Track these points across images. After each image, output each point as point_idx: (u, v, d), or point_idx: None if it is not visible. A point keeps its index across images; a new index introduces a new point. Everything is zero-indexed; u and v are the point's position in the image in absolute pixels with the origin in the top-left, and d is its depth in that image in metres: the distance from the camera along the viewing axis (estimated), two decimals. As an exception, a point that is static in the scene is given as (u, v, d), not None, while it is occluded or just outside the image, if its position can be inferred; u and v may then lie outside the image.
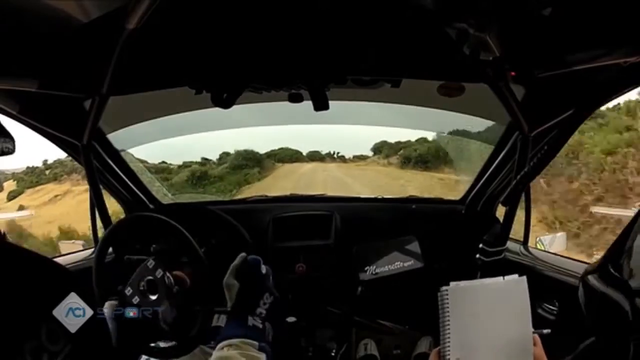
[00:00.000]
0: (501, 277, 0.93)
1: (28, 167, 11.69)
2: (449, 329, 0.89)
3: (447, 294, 0.90)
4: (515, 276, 0.93)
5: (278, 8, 1.03)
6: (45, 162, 11.57)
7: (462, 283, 0.91)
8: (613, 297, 0.90)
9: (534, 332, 0.91)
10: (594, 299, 1.00)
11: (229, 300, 0.95)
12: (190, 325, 1.21)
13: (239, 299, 0.93)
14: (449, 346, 0.89)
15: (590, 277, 1.00)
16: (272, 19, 1.08)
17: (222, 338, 0.87)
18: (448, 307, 0.89)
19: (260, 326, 0.90)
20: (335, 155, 11.57)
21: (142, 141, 2.04)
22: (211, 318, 1.25)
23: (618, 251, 0.96)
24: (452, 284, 0.91)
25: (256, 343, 0.86)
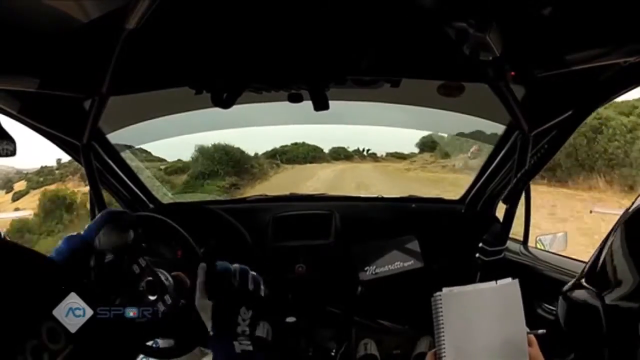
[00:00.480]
0: (494, 282, 0.94)
1: (42, 167, 11.35)
2: (443, 334, 0.90)
3: (440, 300, 0.91)
4: (509, 279, 0.94)
5: (278, 8, 1.03)
6: (58, 161, 11.09)
7: (455, 289, 0.92)
8: (590, 311, 0.91)
9: (529, 333, 0.92)
10: (572, 314, 1.00)
11: (207, 323, 0.85)
12: (189, 326, 1.21)
13: (216, 321, 0.84)
14: (444, 350, 0.90)
15: (569, 292, 1.01)
16: (272, 19, 1.08)
17: None
18: (442, 313, 0.90)
19: (251, 348, 0.82)
20: (365, 153, 8.95)
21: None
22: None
23: (594, 264, 0.97)
24: (445, 289, 0.92)
25: None
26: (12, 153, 0.81)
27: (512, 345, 0.90)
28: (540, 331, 0.95)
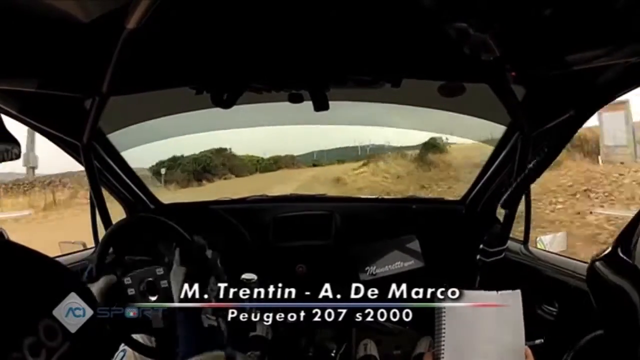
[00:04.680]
0: (495, 292, 0.94)
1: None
2: (444, 332, 0.90)
3: (443, 298, 0.92)
4: (509, 291, 0.94)
5: (278, 8, 1.03)
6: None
7: (459, 290, 0.93)
8: (622, 285, 0.86)
9: (526, 344, 0.92)
10: (602, 288, 0.95)
11: (176, 292, 0.87)
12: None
13: (185, 288, 0.86)
14: (443, 350, 0.90)
15: (598, 263, 0.95)
16: (272, 19, 1.08)
17: (184, 352, 0.76)
18: (444, 311, 0.91)
19: (215, 324, 0.82)
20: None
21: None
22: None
23: (628, 236, 0.91)
24: (450, 289, 0.92)
25: (222, 353, 0.76)
26: (17, 156, 0.81)
27: (509, 356, 0.90)
28: (538, 341, 0.95)
